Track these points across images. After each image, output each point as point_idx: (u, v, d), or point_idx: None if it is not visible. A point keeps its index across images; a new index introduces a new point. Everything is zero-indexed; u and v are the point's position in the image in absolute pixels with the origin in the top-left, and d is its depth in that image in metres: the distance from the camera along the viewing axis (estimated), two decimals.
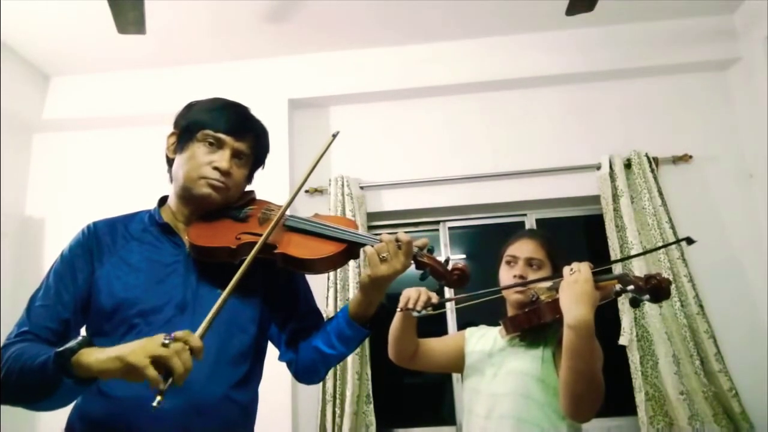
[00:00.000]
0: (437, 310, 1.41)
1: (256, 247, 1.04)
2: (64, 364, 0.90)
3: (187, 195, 1.19)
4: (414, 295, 1.41)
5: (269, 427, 1.66)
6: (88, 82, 3.19)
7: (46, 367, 0.91)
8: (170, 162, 1.24)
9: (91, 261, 1.13)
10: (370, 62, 3.10)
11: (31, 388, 0.94)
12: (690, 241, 1.36)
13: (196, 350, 0.87)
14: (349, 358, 2.61)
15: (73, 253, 1.15)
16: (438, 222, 3.08)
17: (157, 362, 0.84)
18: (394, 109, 3.13)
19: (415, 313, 1.39)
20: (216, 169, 1.16)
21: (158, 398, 0.82)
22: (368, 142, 3.10)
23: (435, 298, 1.40)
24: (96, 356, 0.90)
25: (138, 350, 0.86)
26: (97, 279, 1.12)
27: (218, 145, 1.18)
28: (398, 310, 1.44)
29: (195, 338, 0.88)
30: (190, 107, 1.24)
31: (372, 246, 1.12)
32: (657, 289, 1.16)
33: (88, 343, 0.92)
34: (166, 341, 0.85)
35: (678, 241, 2.49)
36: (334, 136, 1.29)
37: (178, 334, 0.88)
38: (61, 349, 0.91)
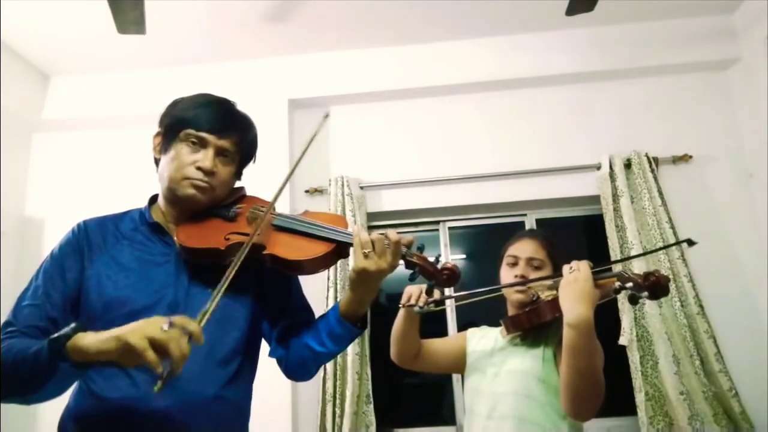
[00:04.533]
0: (439, 307, 1.41)
1: (242, 251, 1.03)
2: (59, 349, 0.89)
3: (172, 196, 1.17)
4: (416, 292, 1.41)
5: (269, 427, 1.66)
6: (88, 82, 3.19)
7: (40, 355, 0.91)
8: (158, 162, 1.22)
9: (81, 260, 1.12)
10: (370, 62, 3.10)
11: (25, 379, 0.94)
12: (691, 242, 1.36)
13: (195, 335, 0.87)
14: (349, 358, 2.62)
15: (62, 252, 1.14)
16: (438, 222, 3.08)
17: (155, 346, 0.83)
18: (394, 109, 3.13)
19: (417, 309, 1.39)
20: (199, 169, 1.14)
21: (159, 383, 0.82)
22: (368, 142, 3.10)
23: (436, 295, 1.40)
24: (92, 338, 0.89)
25: (137, 331, 0.85)
26: (88, 278, 1.10)
27: (201, 144, 1.15)
28: (400, 305, 1.44)
29: (194, 323, 0.87)
30: (174, 105, 1.22)
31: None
32: (655, 286, 1.16)
33: (82, 328, 0.92)
34: (165, 327, 0.85)
35: (679, 242, 2.49)
36: (326, 116, 1.28)
37: (177, 319, 0.87)
38: (55, 335, 0.91)
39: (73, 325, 0.92)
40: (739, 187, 2.81)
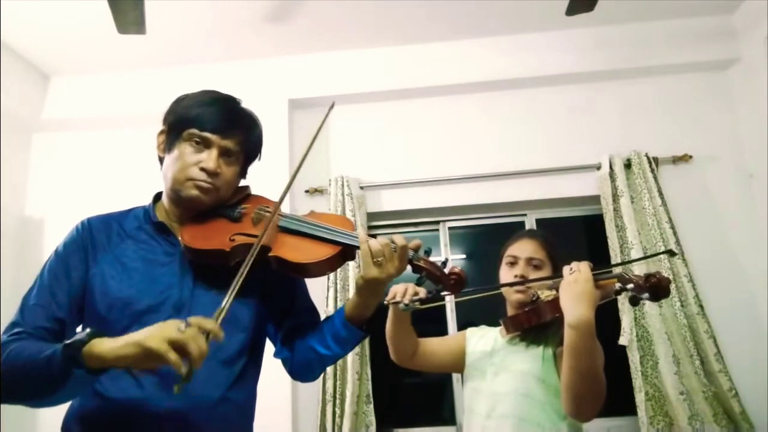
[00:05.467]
0: (425, 305, 1.39)
1: (251, 253, 1.02)
2: (74, 355, 0.88)
3: (176, 197, 1.16)
4: (400, 290, 1.39)
5: (269, 427, 1.66)
6: (88, 82, 3.19)
7: (53, 360, 0.90)
8: (162, 161, 1.20)
9: (85, 259, 1.11)
10: (370, 62, 3.10)
11: (36, 384, 0.92)
12: (672, 253, 1.36)
13: (213, 332, 0.87)
14: (349, 358, 2.61)
15: (67, 250, 1.13)
16: (438, 222, 3.08)
17: (175, 347, 0.83)
18: (394, 109, 3.13)
19: (401, 306, 1.38)
20: (203, 170, 1.12)
21: (178, 385, 0.83)
22: (368, 142, 3.10)
23: (422, 293, 1.39)
24: (109, 345, 0.89)
25: (156, 335, 0.85)
26: (92, 277, 1.10)
27: (205, 144, 1.13)
28: (384, 302, 1.43)
29: (211, 321, 0.88)
30: (178, 102, 1.20)
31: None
32: (656, 287, 1.16)
33: (97, 334, 0.91)
34: (182, 327, 0.85)
35: (660, 253, 2.49)
36: (332, 106, 1.27)
37: (192, 320, 0.87)
38: (69, 341, 0.90)
39: (88, 330, 0.91)
40: (739, 187, 2.81)
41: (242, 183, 1.28)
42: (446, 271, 1.15)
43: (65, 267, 1.11)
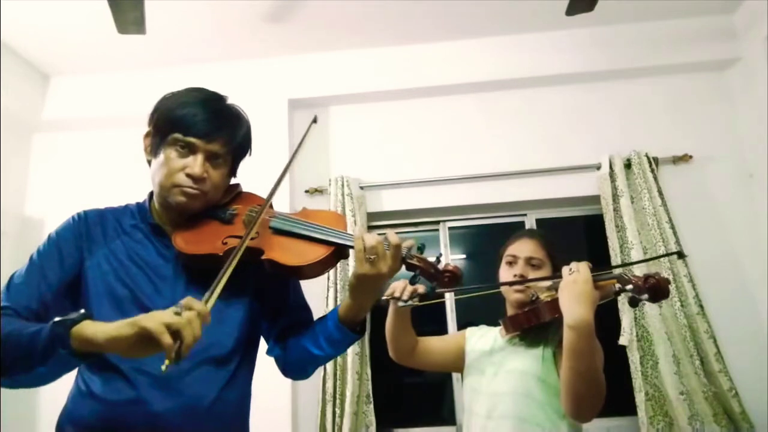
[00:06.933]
0: (424, 301, 1.39)
1: (233, 256, 1.00)
2: (62, 334, 0.85)
3: (164, 202, 1.15)
4: (400, 286, 1.39)
5: (269, 427, 1.66)
6: (88, 82, 3.19)
7: (38, 336, 0.87)
8: (150, 163, 1.18)
9: (80, 248, 1.10)
10: (370, 62, 3.10)
11: (13, 359, 0.89)
12: (681, 255, 1.36)
13: (203, 315, 0.85)
14: (349, 358, 2.62)
15: (61, 237, 1.12)
16: (438, 222, 3.08)
17: (170, 330, 0.81)
18: (394, 109, 3.13)
19: (401, 303, 1.38)
20: (189, 176, 1.10)
21: (166, 362, 0.81)
22: (368, 142, 3.10)
23: (422, 289, 1.38)
24: (102, 327, 0.86)
25: (152, 317, 0.83)
26: (86, 270, 1.09)
27: (190, 149, 1.10)
28: (383, 298, 1.42)
29: (201, 304, 0.86)
30: (162, 103, 1.17)
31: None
32: (655, 288, 1.16)
33: (89, 316, 0.89)
34: (178, 310, 0.83)
35: (669, 254, 2.50)
36: (314, 121, 1.26)
37: (184, 302, 0.85)
38: (60, 318, 0.87)
39: (82, 311, 0.89)
40: (739, 187, 2.81)
41: (234, 181, 1.26)
42: (440, 267, 1.14)
43: (59, 253, 1.09)
